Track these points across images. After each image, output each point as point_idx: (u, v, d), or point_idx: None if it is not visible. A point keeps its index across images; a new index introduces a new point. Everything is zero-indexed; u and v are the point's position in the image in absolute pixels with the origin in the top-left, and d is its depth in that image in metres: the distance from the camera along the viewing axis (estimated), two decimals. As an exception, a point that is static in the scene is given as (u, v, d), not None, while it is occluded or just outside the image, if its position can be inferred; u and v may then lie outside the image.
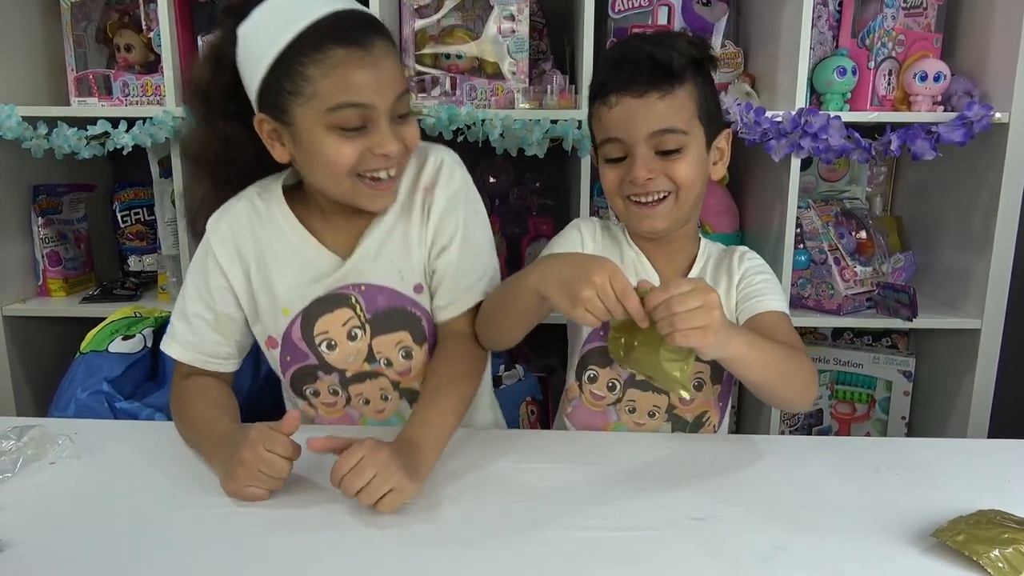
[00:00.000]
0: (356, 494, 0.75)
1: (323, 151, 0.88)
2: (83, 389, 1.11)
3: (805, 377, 0.91)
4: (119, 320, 1.26)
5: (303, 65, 0.84)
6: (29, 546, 0.71)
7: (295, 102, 0.86)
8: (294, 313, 0.99)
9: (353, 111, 0.86)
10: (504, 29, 1.50)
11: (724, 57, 1.59)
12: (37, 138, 1.48)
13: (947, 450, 0.95)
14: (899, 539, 0.73)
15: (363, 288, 0.99)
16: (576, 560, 0.70)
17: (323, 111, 0.85)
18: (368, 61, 0.85)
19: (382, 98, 0.87)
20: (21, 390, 1.61)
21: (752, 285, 1.02)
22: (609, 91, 0.94)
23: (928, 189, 1.70)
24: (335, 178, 0.90)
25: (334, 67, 0.84)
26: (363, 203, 0.94)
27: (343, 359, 1.01)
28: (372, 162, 0.89)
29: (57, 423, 0.98)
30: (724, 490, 0.83)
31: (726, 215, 1.65)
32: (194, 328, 1.00)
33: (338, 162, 0.88)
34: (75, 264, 1.68)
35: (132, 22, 1.59)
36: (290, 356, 1.02)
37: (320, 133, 0.87)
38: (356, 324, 0.99)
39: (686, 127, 0.94)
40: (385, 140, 0.88)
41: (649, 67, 0.92)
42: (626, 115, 0.93)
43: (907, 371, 1.72)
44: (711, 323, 0.75)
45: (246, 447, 0.79)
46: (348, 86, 0.85)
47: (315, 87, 0.85)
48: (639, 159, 0.93)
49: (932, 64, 1.47)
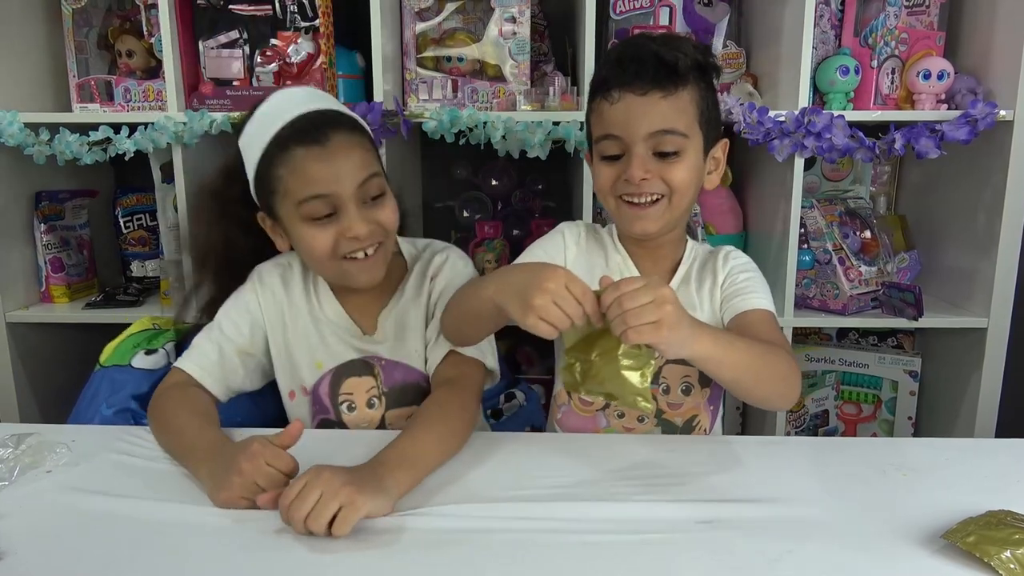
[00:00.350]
0: (305, 522, 0.71)
1: (303, 241, 0.97)
2: (108, 406, 1.11)
3: (782, 373, 0.89)
4: (139, 333, 1.24)
5: (275, 167, 0.95)
6: (26, 555, 0.70)
7: (275, 201, 0.97)
8: (326, 368, 1.06)
9: (318, 201, 0.94)
10: (505, 31, 1.50)
11: (726, 57, 1.58)
12: (39, 144, 1.48)
13: (955, 450, 0.94)
14: (908, 541, 0.72)
15: (383, 362, 1.06)
16: (582, 564, 0.69)
17: (294, 205, 0.95)
18: (324, 156, 0.94)
19: (342, 186, 0.94)
20: (24, 396, 1.60)
21: (736, 284, 1.01)
22: (611, 87, 0.94)
23: (932, 188, 1.69)
24: (319, 263, 0.99)
25: (296, 165, 0.94)
26: (352, 281, 1.01)
27: (358, 422, 1.07)
28: (347, 245, 0.96)
29: (55, 430, 0.98)
30: (729, 492, 0.82)
31: (730, 216, 1.65)
32: (220, 349, 1.04)
33: (315, 248, 0.96)
34: (78, 270, 1.68)
35: (133, 28, 1.59)
36: (316, 407, 1.07)
37: (297, 225, 0.96)
38: (375, 394, 1.06)
39: (686, 130, 0.94)
40: (352, 223, 0.95)
41: (654, 66, 0.92)
42: (627, 112, 0.93)
43: (913, 371, 1.71)
44: (663, 317, 0.73)
45: (246, 458, 0.78)
46: (308, 180, 0.94)
47: (285, 185, 0.95)
48: (636, 158, 0.93)
49: (935, 62, 1.46)
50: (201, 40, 1.50)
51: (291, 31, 1.49)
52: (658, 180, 0.94)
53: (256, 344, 1.06)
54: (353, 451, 0.85)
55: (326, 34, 1.50)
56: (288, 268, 1.09)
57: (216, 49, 1.50)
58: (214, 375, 1.03)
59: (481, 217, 1.77)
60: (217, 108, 1.49)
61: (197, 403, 0.98)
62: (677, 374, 1.02)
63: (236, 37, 1.50)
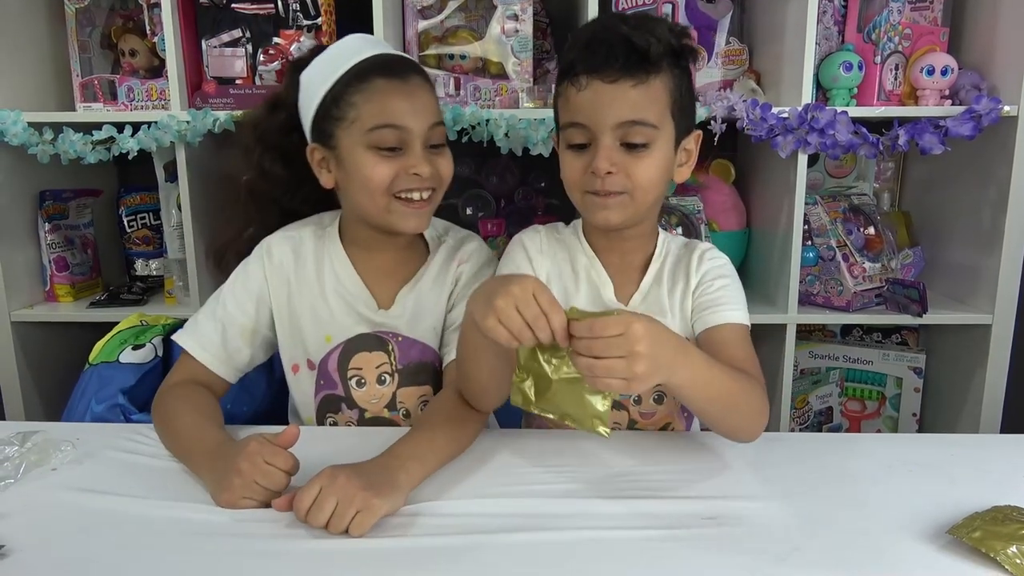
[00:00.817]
0: (325, 526, 0.72)
1: (362, 170, 0.97)
2: (98, 401, 1.11)
3: (755, 409, 0.86)
4: (126, 330, 1.25)
5: (349, 94, 0.96)
6: (32, 552, 0.70)
7: (340, 127, 0.97)
8: (335, 342, 1.04)
9: (390, 131, 0.96)
10: (508, 29, 1.50)
11: (729, 54, 1.58)
12: (43, 144, 1.48)
13: (961, 446, 0.94)
14: (914, 536, 0.72)
15: (400, 339, 1.04)
16: (587, 561, 0.69)
17: (363, 132, 0.96)
18: (405, 90, 0.96)
19: (416, 122, 0.96)
20: (30, 395, 1.61)
21: (708, 293, 0.96)
22: (579, 71, 0.88)
23: (936, 184, 1.68)
24: (372, 195, 0.98)
25: (375, 94, 0.96)
26: (397, 222, 1.00)
27: (368, 398, 1.05)
28: (406, 181, 0.97)
29: (60, 428, 0.98)
30: (735, 489, 0.82)
31: (733, 212, 1.64)
32: (224, 330, 1.03)
33: (374, 178, 0.96)
34: (82, 269, 1.69)
35: (136, 27, 1.59)
36: (323, 381, 1.06)
37: (360, 153, 0.96)
38: (387, 370, 1.04)
39: (657, 121, 0.88)
40: (418, 161, 0.96)
41: (625, 51, 0.86)
42: (595, 100, 0.88)
43: (917, 367, 1.71)
44: (635, 374, 0.69)
45: (243, 458, 0.78)
46: (386, 110, 0.95)
47: (358, 112, 0.96)
48: (602, 149, 0.88)
49: (939, 58, 1.45)
50: (204, 39, 1.50)
51: (293, 29, 1.50)
52: (623, 176, 0.89)
53: (261, 320, 1.05)
54: (362, 449, 0.84)
55: (328, 32, 1.50)
56: (299, 241, 1.07)
57: (219, 48, 1.50)
58: (218, 357, 1.02)
59: (484, 215, 1.77)
60: (220, 107, 1.49)
61: (200, 402, 0.97)
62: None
63: (239, 36, 1.50)
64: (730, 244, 1.63)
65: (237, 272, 1.07)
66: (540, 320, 0.72)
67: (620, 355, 0.69)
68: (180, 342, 1.03)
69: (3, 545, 0.70)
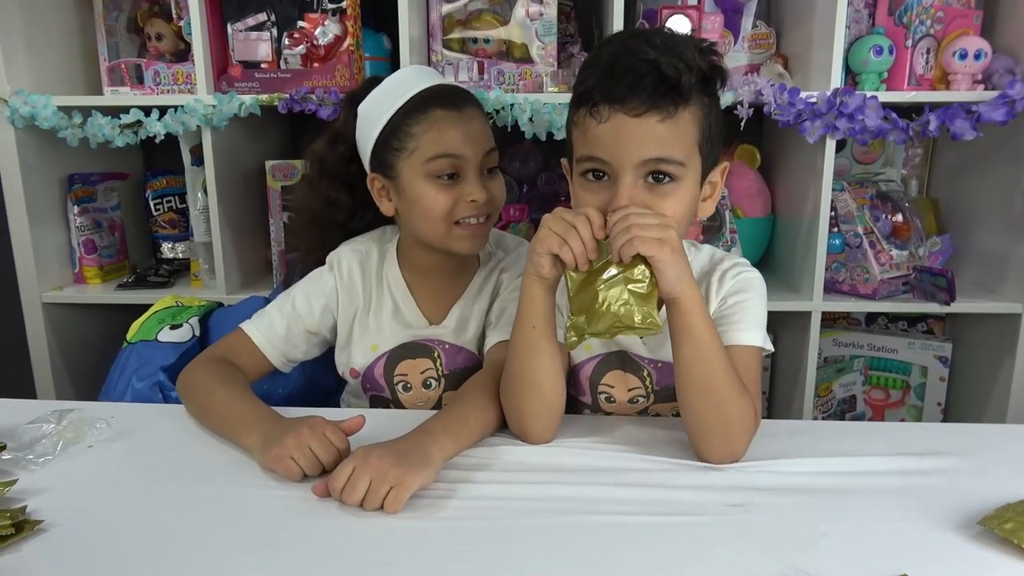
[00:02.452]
0: (360, 504, 0.74)
1: (423, 200, 1.00)
2: (139, 379, 1.14)
3: (739, 417, 0.82)
4: (163, 310, 1.27)
5: (408, 125, 0.99)
6: (70, 526, 0.72)
7: (400, 157, 1.00)
8: (381, 351, 1.08)
9: (447, 160, 0.99)
10: (532, 12, 1.49)
11: (756, 38, 1.56)
12: (72, 127, 1.50)
13: (991, 436, 0.93)
14: (943, 527, 0.71)
15: (447, 346, 1.07)
16: (613, 546, 0.69)
17: (423, 161, 0.99)
18: (461, 120, 1.00)
19: (472, 151, 1.00)
20: (60, 375, 1.64)
21: (726, 308, 0.92)
22: (599, 100, 0.80)
23: (966, 170, 1.65)
24: (431, 223, 1.01)
25: (433, 124, 0.99)
26: (456, 245, 1.03)
27: (414, 402, 1.09)
28: (464, 209, 1.00)
29: (94, 407, 1.00)
30: (760, 475, 0.82)
31: (758, 199, 1.63)
32: (288, 327, 1.07)
33: (435, 208, 0.99)
34: (109, 252, 1.71)
35: (162, 11, 1.60)
36: (369, 385, 1.10)
37: (419, 182, 1.00)
38: (433, 375, 1.07)
39: (684, 158, 0.81)
40: (474, 189, 0.99)
41: (653, 81, 0.78)
42: (617, 135, 0.80)
43: (943, 357, 1.69)
44: (667, 237, 0.76)
45: (306, 425, 0.82)
46: (444, 139, 0.99)
47: (417, 142, 0.99)
48: (623, 188, 0.80)
49: (972, 41, 1.42)
50: (230, 23, 1.51)
51: (318, 13, 1.50)
52: None
53: (324, 325, 1.10)
54: (393, 431, 0.85)
55: (353, 16, 1.50)
56: (366, 256, 1.11)
57: (244, 32, 1.51)
58: (277, 348, 1.06)
59: (506, 200, 1.76)
60: (246, 91, 1.50)
61: (238, 378, 1.00)
62: (666, 411, 1.01)
63: (264, 20, 1.50)
64: (755, 231, 1.62)
65: (310, 278, 1.11)
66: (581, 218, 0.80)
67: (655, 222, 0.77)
68: (246, 329, 1.07)
69: (42, 520, 0.72)
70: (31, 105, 1.47)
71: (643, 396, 0.99)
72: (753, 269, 0.96)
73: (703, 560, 0.67)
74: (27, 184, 1.54)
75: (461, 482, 0.80)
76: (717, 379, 0.82)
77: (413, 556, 0.68)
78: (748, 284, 0.94)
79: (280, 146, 1.77)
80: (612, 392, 0.99)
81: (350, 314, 1.09)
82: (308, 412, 0.88)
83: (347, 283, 1.09)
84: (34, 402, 1.05)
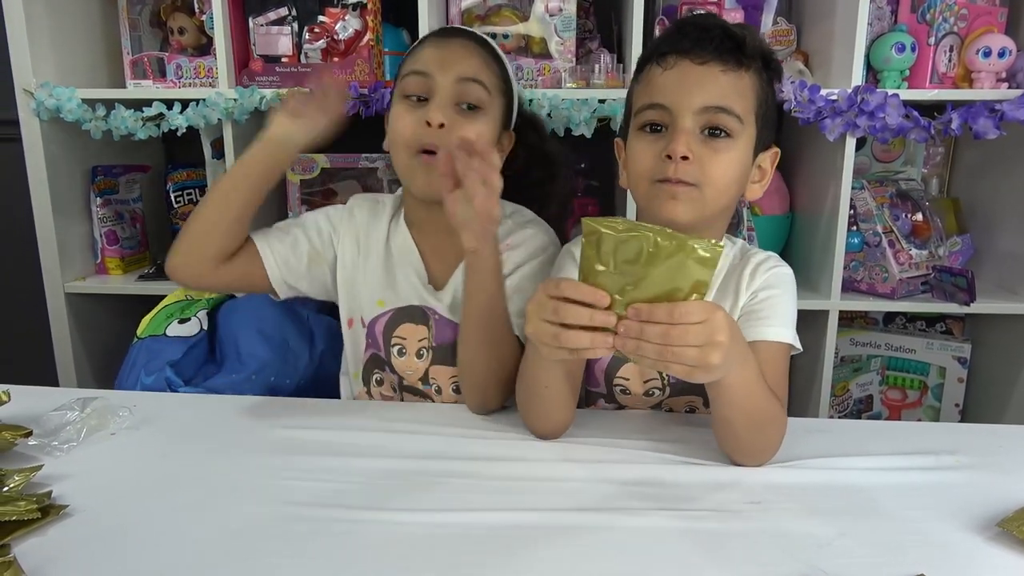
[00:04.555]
0: None
1: (393, 122, 0.98)
2: (147, 373, 1.15)
3: (774, 437, 0.83)
4: (172, 304, 1.29)
5: (404, 61, 1.01)
6: (93, 512, 0.73)
7: (393, 92, 1.01)
8: (386, 308, 1.05)
9: (416, 77, 0.96)
10: (551, 8, 1.49)
11: (776, 34, 1.55)
12: (96, 120, 1.52)
13: (1011, 437, 0.92)
14: (962, 527, 0.71)
15: (438, 317, 1.03)
16: (631, 543, 0.69)
17: (399, 81, 0.99)
18: (440, 44, 0.99)
19: (442, 73, 0.95)
20: (81, 364, 1.66)
21: (756, 303, 0.89)
22: (667, 52, 0.84)
23: (987, 170, 1.64)
24: (397, 151, 0.98)
25: (416, 50, 1.00)
26: (416, 181, 0.98)
27: (405, 368, 1.06)
28: (424, 135, 0.94)
29: (118, 395, 1.01)
30: (777, 474, 0.82)
31: (776, 196, 1.62)
32: (295, 240, 1.03)
33: (397, 127, 0.97)
34: (131, 243, 1.73)
35: (185, 5, 1.61)
36: (370, 340, 1.07)
37: (395, 104, 0.99)
38: (425, 345, 1.04)
39: (742, 114, 0.82)
40: (432, 110, 0.94)
41: (719, 36, 0.82)
42: (681, 79, 0.82)
43: (962, 357, 1.67)
44: (706, 366, 0.67)
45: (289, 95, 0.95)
46: (417, 59, 0.98)
47: (402, 69, 1.00)
48: (681, 133, 0.81)
49: (996, 39, 1.41)
50: (251, 17, 1.52)
51: (339, 8, 1.51)
52: (697, 167, 0.81)
53: (326, 255, 1.05)
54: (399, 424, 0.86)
55: (373, 11, 1.51)
56: (381, 205, 1.09)
57: (265, 26, 1.52)
58: (279, 257, 1.00)
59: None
60: (266, 85, 1.51)
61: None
62: (680, 404, 1.00)
63: (285, 14, 1.51)
64: (773, 228, 1.61)
65: (321, 209, 1.09)
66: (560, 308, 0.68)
67: (697, 344, 0.66)
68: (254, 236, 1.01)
69: (67, 505, 0.73)
70: (56, 98, 1.49)
71: (659, 389, 0.98)
72: (785, 265, 0.94)
73: (721, 559, 0.67)
74: (51, 176, 1.56)
75: (474, 480, 0.80)
76: (762, 416, 0.80)
77: (427, 554, 0.68)
78: (780, 280, 0.91)
79: (299, 140, 1.78)
80: (627, 384, 0.98)
81: (349, 256, 1.06)
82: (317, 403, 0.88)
83: (355, 222, 1.07)
84: (58, 390, 1.07)
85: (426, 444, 0.88)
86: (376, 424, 0.93)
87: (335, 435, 0.91)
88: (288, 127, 0.94)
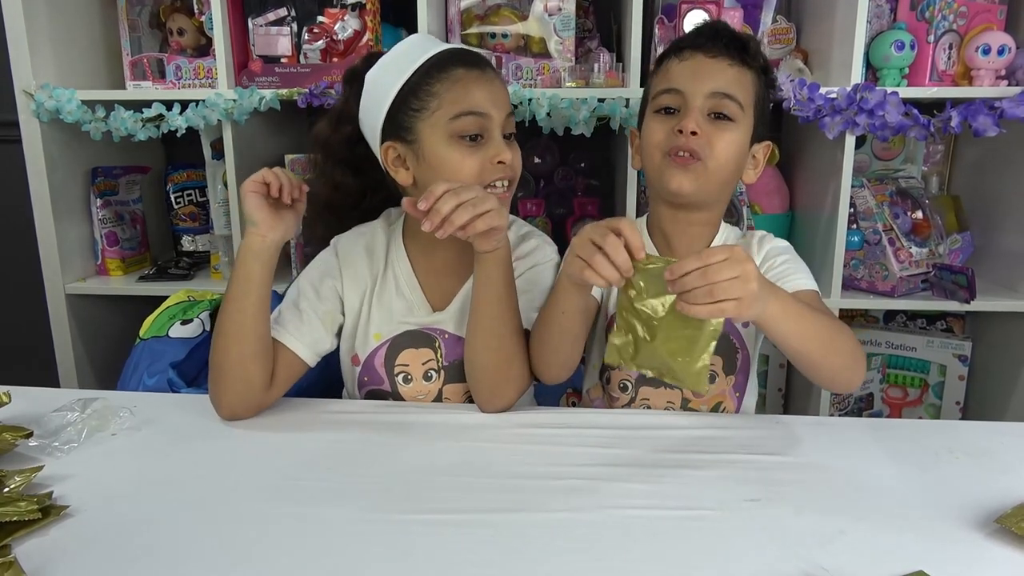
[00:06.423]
0: None
1: (447, 163, 0.96)
2: (150, 375, 1.15)
3: (849, 349, 0.87)
4: (174, 305, 1.28)
5: (429, 84, 0.96)
6: (94, 512, 0.74)
7: (420, 118, 0.97)
8: (383, 339, 1.05)
9: (472, 119, 0.96)
10: (551, 7, 1.49)
11: (776, 33, 1.55)
12: (96, 121, 1.52)
13: (1010, 434, 0.92)
14: (961, 524, 0.71)
15: (447, 336, 1.04)
16: (630, 541, 0.69)
17: (447, 120, 0.95)
18: (484, 79, 0.98)
19: (496, 111, 0.97)
20: (82, 365, 1.67)
21: (775, 268, 1.00)
22: (684, 47, 0.98)
23: (987, 168, 1.64)
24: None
25: (456, 82, 0.96)
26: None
27: (414, 394, 1.05)
28: (492, 172, 0.97)
29: (118, 396, 1.01)
30: (777, 471, 0.82)
31: (776, 195, 1.62)
32: (303, 318, 1.02)
33: (461, 171, 0.95)
34: (131, 244, 1.73)
35: (184, 6, 1.62)
36: (368, 378, 1.06)
37: (442, 145, 0.96)
38: (434, 367, 1.04)
39: (744, 102, 0.96)
40: (501, 149, 0.97)
41: (728, 36, 0.97)
42: (695, 69, 0.96)
43: (963, 355, 1.67)
44: (746, 296, 0.73)
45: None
46: (468, 97, 0.96)
47: (440, 100, 0.96)
48: (692, 111, 0.94)
49: (996, 37, 1.41)
50: (250, 18, 1.52)
51: (338, 8, 1.51)
52: (705, 141, 0.93)
53: (335, 307, 1.05)
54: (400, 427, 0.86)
55: (372, 11, 1.51)
56: (372, 237, 1.08)
57: (265, 27, 1.52)
58: (300, 339, 1.00)
59: (523, 195, 1.77)
60: (266, 85, 1.51)
61: None
62: None
63: (284, 15, 1.52)
64: (773, 227, 1.60)
65: (312, 264, 1.07)
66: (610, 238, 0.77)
67: (733, 275, 0.72)
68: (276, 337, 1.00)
69: (68, 505, 0.73)
70: (56, 99, 1.49)
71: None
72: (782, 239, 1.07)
73: (721, 555, 0.67)
74: (51, 177, 1.56)
75: (475, 476, 0.81)
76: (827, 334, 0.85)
77: (429, 549, 0.68)
78: (784, 247, 1.05)
79: (299, 140, 1.78)
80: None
81: (356, 296, 1.05)
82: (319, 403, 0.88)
83: (351, 263, 1.05)
84: (59, 391, 1.07)
85: (427, 444, 0.89)
86: (377, 424, 0.94)
87: (336, 435, 0.91)
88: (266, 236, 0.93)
